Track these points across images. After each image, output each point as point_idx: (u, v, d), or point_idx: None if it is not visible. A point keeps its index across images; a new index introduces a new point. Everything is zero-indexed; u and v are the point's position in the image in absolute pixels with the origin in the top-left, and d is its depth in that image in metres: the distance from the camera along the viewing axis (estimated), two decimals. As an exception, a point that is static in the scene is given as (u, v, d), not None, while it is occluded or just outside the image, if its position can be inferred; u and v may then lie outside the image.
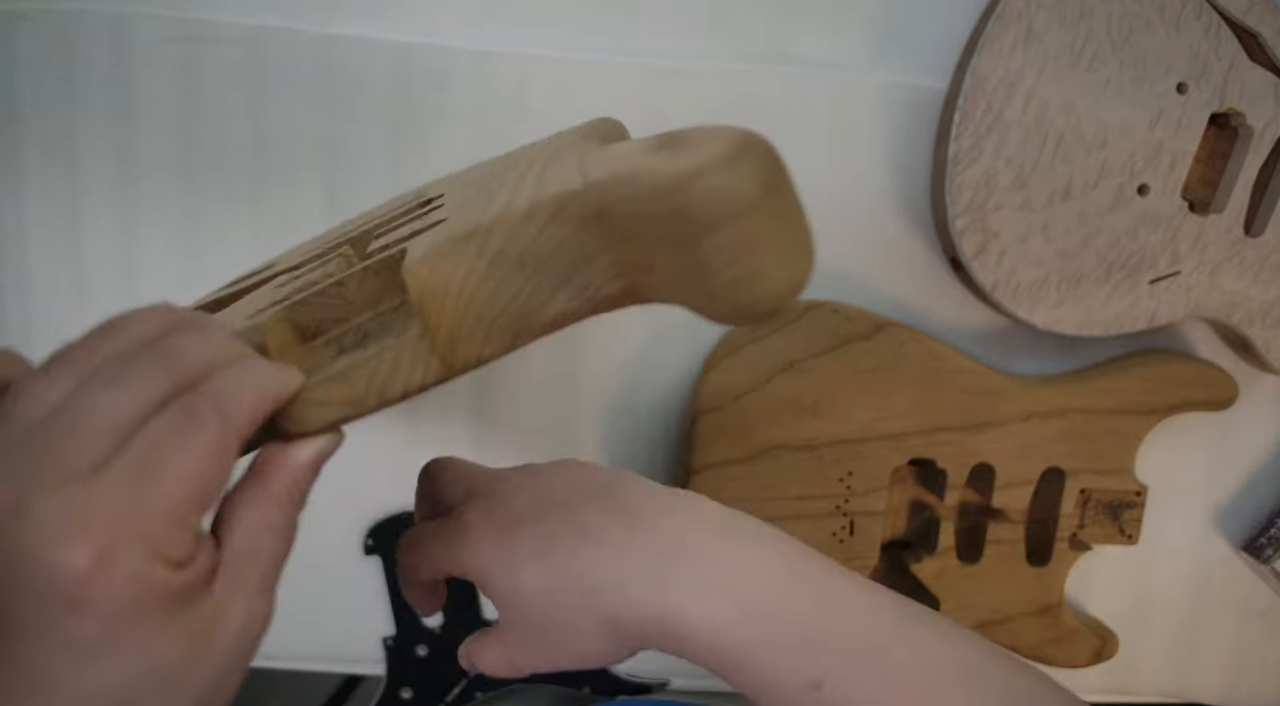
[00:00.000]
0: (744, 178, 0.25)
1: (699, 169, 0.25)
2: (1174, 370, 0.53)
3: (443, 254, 0.29)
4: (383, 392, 0.29)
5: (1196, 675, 0.60)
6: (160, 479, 0.24)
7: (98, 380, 0.25)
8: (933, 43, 0.50)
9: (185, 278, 0.52)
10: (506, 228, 0.28)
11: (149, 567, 0.23)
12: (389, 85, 0.50)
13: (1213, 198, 0.49)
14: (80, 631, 0.23)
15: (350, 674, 0.63)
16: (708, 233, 0.25)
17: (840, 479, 0.51)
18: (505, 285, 0.28)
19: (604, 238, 0.28)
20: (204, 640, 0.25)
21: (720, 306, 0.27)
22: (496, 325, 0.29)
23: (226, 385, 0.26)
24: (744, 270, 0.26)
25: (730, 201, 0.25)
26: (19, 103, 0.50)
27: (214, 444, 0.25)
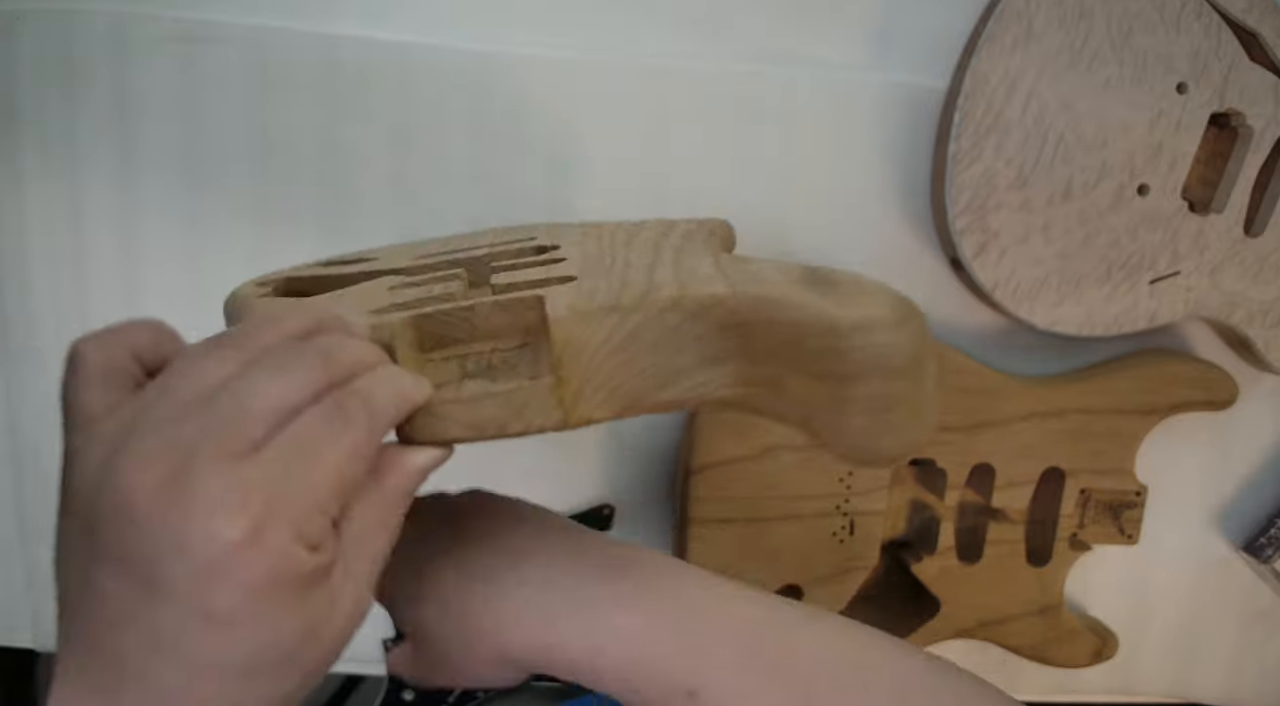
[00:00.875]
0: (906, 344, 0.28)
1: (867, 322, 0.27)
2: (1174, 370, 0.53)
3: (587, 316, 0.30)
4: (503, 427, 0.31)
5: (1196, 675, 0.60)
6: (311, 466, 0.25)
7: (261, 366, 0.26)
8: (933, 43, 0.50)
9: (186, 277, 0.52)
10: (650, 311, 0.30)
11: (292, 548, 0.24)
12: (389, 85, 0.50)
13: (1213, 198, 0.49)
14: (220, 600, 0.24)
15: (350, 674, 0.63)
16: (858, 380, 0.28)
17: (840, 479, 0.51)
18: (634, 361, 0.30)
19: (739, 347, 0.30)
20: (319, 624, 0.26)
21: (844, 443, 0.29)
22: (616, 393, 0.31)
23: (373, 387, 0.28)
24: (878, 422, 0.28)
25: (890, 360, 0.27)
26: (19, 102, 0.50)
27: (360, 440, 0.26)
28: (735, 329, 0.29)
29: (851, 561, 0.52)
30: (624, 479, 0.55)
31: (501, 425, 0.31)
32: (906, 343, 0.27)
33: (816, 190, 0.52)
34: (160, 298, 0.52)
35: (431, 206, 0.52)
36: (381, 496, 0.29)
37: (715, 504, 0.50)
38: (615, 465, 0.55)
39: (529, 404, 0.31)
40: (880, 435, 0.28)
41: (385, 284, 0.36)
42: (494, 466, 0.55)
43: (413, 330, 0.33)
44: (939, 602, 0.53)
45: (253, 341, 0.27)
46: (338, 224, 0.52)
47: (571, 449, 0.55)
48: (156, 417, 0.25)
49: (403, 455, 0.30)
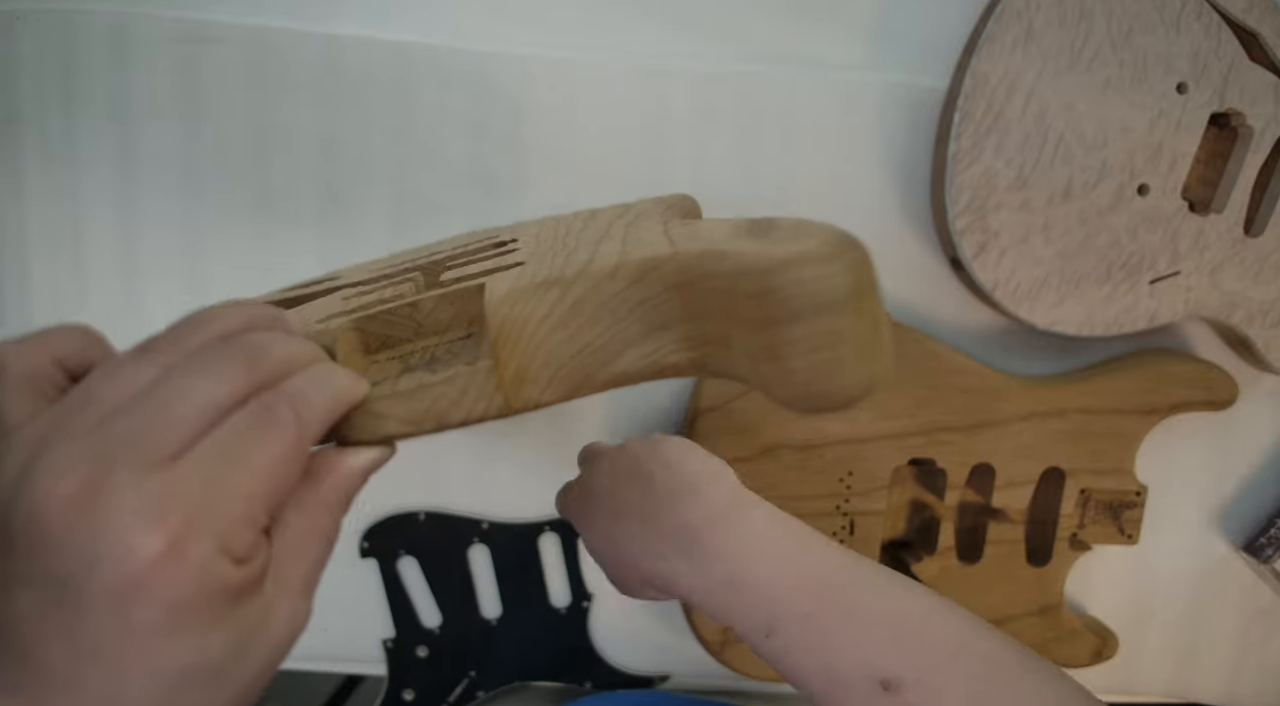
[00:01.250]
0: (838, 275, 0.26)
1: (797, 257, 0.26)
2: (1174, 370, 0.53)
3: (525, 294, 0.29)
4: (442, 418, 0.30)
5: (1196, 675, 0.60)
6: (237, 474, 0.24)
7: (183, 369, 0.25)
8: (933, 43, 0.50)
9: (186, 277, 0.52)
10: (591, 280, 0.29)
11: (215, 561, 0.23)
12: (389, 85, 0.50)
13: (1213, 198, 0.49)
14: (141, 616, 0.23)
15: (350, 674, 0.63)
16: (795, 320, 0.26)
17: (840, 479, 0.51)
18: (578, 335, 0.29)
19: (685, 307, 0.29)
20: (250, 637, 0.25)
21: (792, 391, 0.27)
22: (563, 372, 0.30)
23: (304, 387, 0.26)
24: (822, 361, 0.26)
25: (822, 294, 0.26)
26: (19, 103, 0.50)
27: (289, 444, 0.25)
28: (677, 289, 0.28)
29: (851, 561, 0.52)
30: (624, 479, 0.55)
31: (440, 415, 0.30)
32: (841, 274, 0.26)
33: (816, 190, 0.52)
34: (160, 297, 0.52)
35: (431, 206, 0.52)
36: (318, 501, 0.27)
37: (715, 504, 0.50)
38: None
39: (467, 391, 0.29)
40: (829, 376, 0.27)
41: (341, 294, 0.35)
42: (495, 466, 0.55)
43: (356, 333, 0.32)
44: (939, 602, 0.53)
45: (178, 344, 0.26)
46: (338, 224, 0.52)
47: (569, 448, 0.55)
48: (74, 426, 0.24)
49: (339, 457, 0.28)
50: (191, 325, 0.27)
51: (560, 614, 0.57)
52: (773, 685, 0.59)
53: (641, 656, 0.58)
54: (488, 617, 0.57)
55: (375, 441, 0.30)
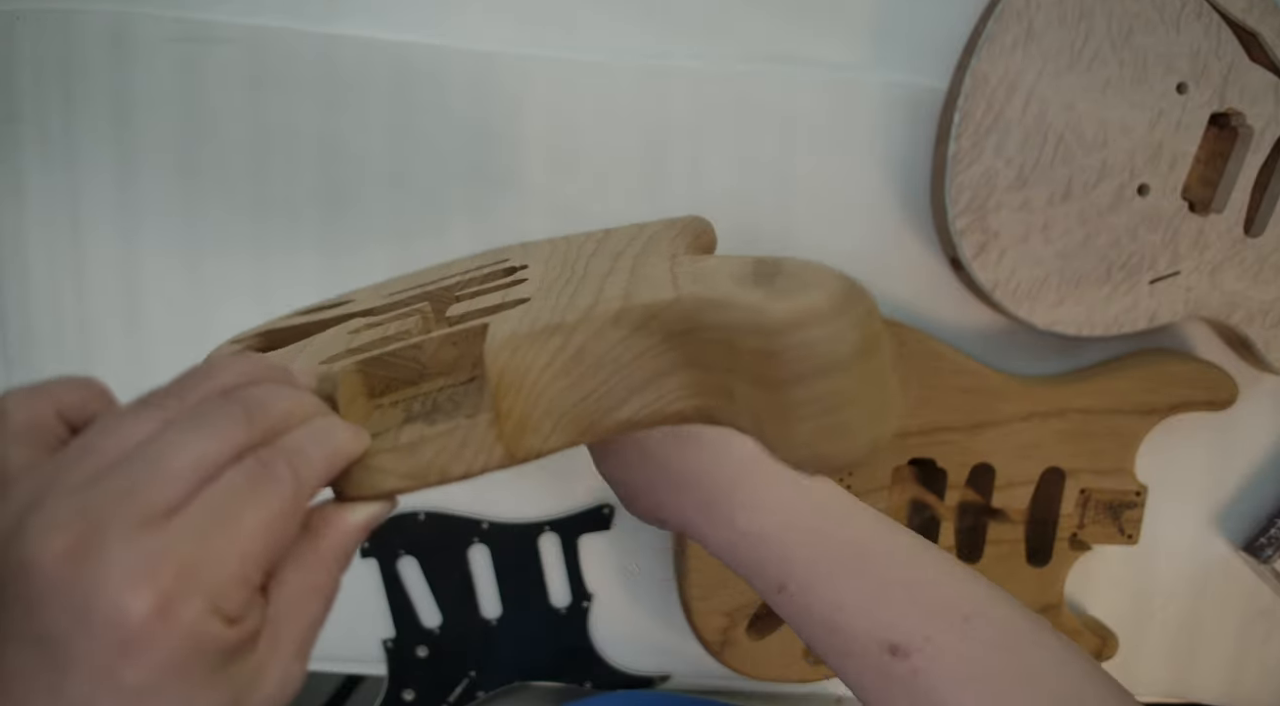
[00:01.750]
0: (843, 336, 0.25)
1: (799, 318, 0.24)
2: (1174, 370, 0.53)
3: (527, 341, 0.29)
4: (444, 472, 0.29)
5: (1196, 675, 0.60)
6: (231, 532, 0.24)
7: (180, 424, 0.25)
8: (933, 43, 0.50)
9: (185, 278, 0.52)
10: (593, 328, 0.28)
11: (206, 621, 0.23)
12: (389, 85, 0.50)
13: (1213, 198, 0.49)
14: (130, 676, 0.23)
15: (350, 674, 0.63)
16: (799, 383, 0.25)
17: (840, 478, 0.51)
18: (580, 383, 0.29)
19: (687, 356, 0.28)
20: (240, 698, 0.25)
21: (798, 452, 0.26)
22: (565, 420, 0.29)
23: (303, 443, 0.26)
24: (827, 425, 0.25)
25: (826, 357, 0.24)
26: (19, 103, 0.50)
27: (286, 502, 0.25)
28: (680, 337, 0.28)
29: (851, 561, 0.52)
30: (624, 479, 0.55)
31: (442, 469, 0.29)
32: (847, 333, 0.24)
33: (816, 190, 0.52)
34: (159, 297, 0.52)
35: (431, 206, 0.52)
36: (316, 558, 0.27)
37: (715, 504, 0.50)
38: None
39: (467, 443, 0.29)
40: (833, 440, 0.25)
41: (349, 327, 0.35)
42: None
43: (359, 376, 0.31)
44: (939, 602, 0.53)
45: (178, 398, 0.26)
46: (338, 224, 0.52)
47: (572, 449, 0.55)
48: (70, 479, 0.24)
49: (338, 513, 0.28)
50: (193, 378, 0.27)
51: (560, 614, 0.57)
52: (772, 685, 0.58)
53: (641, 656, 0.58)
54: (488, 617, 0.57)
55: (377, 497, 0.29)
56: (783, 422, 0.26)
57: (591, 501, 0.55)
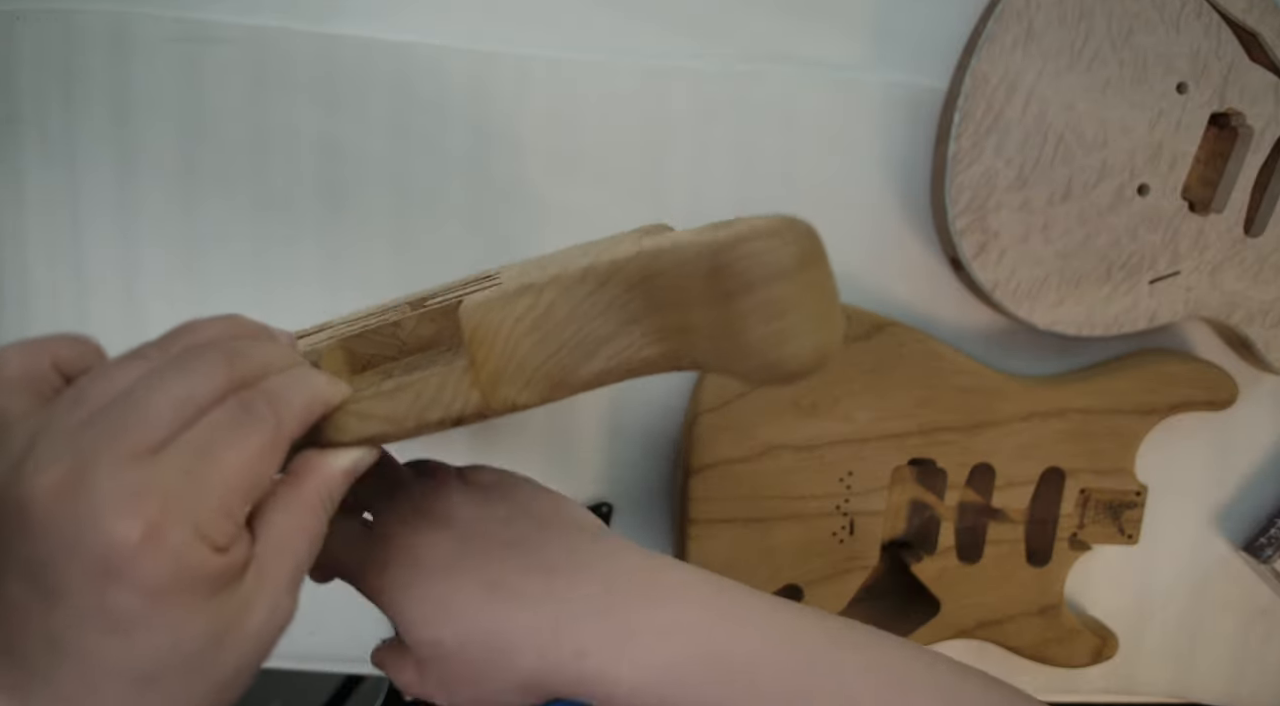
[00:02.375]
0: (784, 246, 0.27)
1: (744, 234, 0.27)
2: (1174, 370, 0.53)
3: (499, 301, 0.31)
4: (422, 416, 0.31)
5: (1196, 675, 0.60)
6: (214, 466, 0.25)
7: (164, 369, 0.26)
8: (933, 43, 0.50)
9: (185, 278, 0.52)
10: (561, 285, 0.30)
11: (193, 547, 0.24)
12: (389, 85, 0.50)
13: (1213, 198, 0.49)
14: (119, 602, 0.24)
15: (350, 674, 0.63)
16: (745, 292, 0.27)
17: (840, 479, 0.51)
18: (552, 337, 0.30)
19: (649, 301, 0.30)
20: (230, 628, 0.26)
21: (751, 362, 0.28)
22: (539, 374, 0.31)
23: (282, 386, 0.28)
24: (775, 329, 0.28)
25: (769, 264, 0.27)
26: (19, 103, 0.50)
27: (266, 440, 0.26)
28: (640, 285, 0.30)
29: (851, 561, 0.52)
30: (624, 478, 0.55)
31: (420, 413, 0.31)
32: (788, 246, 0.27)
33: (816, 190, 0.52)
34: (160, 297, 0.52)
35: (431, 206, 0.52)
36: (300, 499, 0.28)
37: (715, 504, 0.50)
38: (615, 464, 0.55)
39: (444, 387, 0.31)
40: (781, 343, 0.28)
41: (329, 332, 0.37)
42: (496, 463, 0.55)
43: (342, 352, 0.33)
44: (939, 602, 0.53)
45: (164, 349, 0.28)
46: (338, 224, 0.52)
47: (572, 448, 0.55)
48: (64, 422, 0.25)
49: (321, 458, 0.30)
50: (179, 332, 0.28)
51: (560, 614, 0.57)
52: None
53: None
54: (488, 617, 0.57)
55: (359, 442, 0.31)
56: (734, 335, 0.28)
57: (590, 500, 0.55)
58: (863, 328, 0.51)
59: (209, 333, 0.29)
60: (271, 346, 0.29)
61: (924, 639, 0.53)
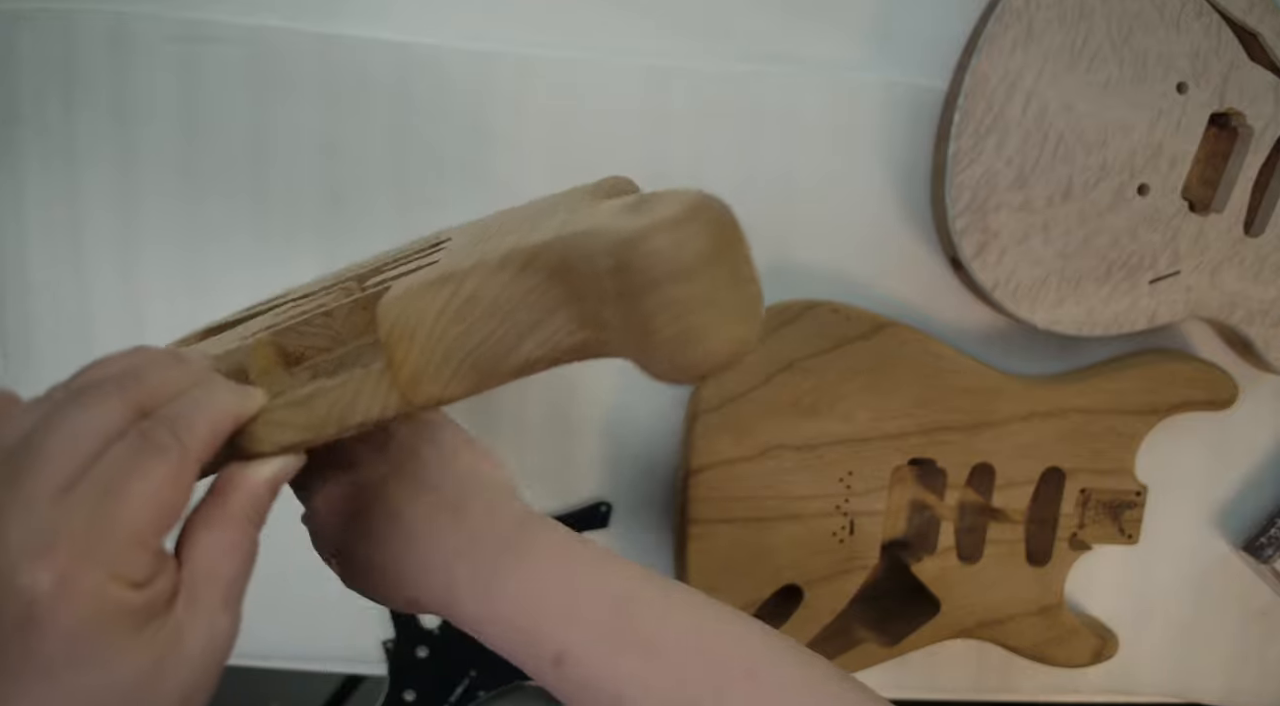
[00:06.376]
0: (688, 242, 0.26)
1: (645, 230, 0.26)
2: (1174, 370, 0.53)
3: (418, 293, 0.30)
4: (342, 421, 0.31)
5: (1196, 675, 0.60)
6: (120, 502, 0.25)
7: (62, 407, 0.26)
8: (933, 43, 0.50)
9: (185, 278, 0.52)
10: (481, 274, 0.29)
11: (108, 588, 0.24)
12: (389, 85, 0.50)
13: (1213, 198, 0.49)
14: (43, 649, 0.24)
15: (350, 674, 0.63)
16: (649, 292, 0.26)
17: (840, 479, 0.51)
18: (475, 329, 0.30)
19: (569, 290, 0.29)
20: (166, 658, 0.26)
21: (659, 365, 0.27)
22: (463, 367, 0.30)
23: (185, 409, 0.28)
24: (685, 328, 0.26)
25: (672, 263, 0.26)
26: (19, 103, 0.50)
27: (171, 469, 0.26)
28: (559, 273, 0.29)
29: (851, 561, 0.52)
30: (623, 478, 0.55)
31: (340, 419, 0.30)
32: (693, 240, 0.26)
33: (816, 190, 0.52)
34: (159, 297, 0.52)
35: (432, 206, 0.52)
36: (224, 517, 0.28)
37: (715, 504, 0.50)
38: (615, 464, 0.55)
39: (361, 392, 0.30)
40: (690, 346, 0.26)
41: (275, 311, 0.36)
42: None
43: (272, 348, 0.33)
44: (939, 602, 0.53)
45: (65, 388, 0.28)
46: (338, 224, 0.52)
47: (572, 448, 0.55)
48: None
49: (242, 472, 0.29)
50: (84, 370, 0.29)
51: (560, 614, 0.57)
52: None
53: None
54: (488, 617, 0.57)
55: (280, 451, 0.30)
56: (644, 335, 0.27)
57: (589, 499, 0.55)
58: (863, 328, 0.51)
59: (111, 366, 0.29)
60: (175, 370, 0.29)
61: (924, 638, 0.53)
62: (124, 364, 0.29)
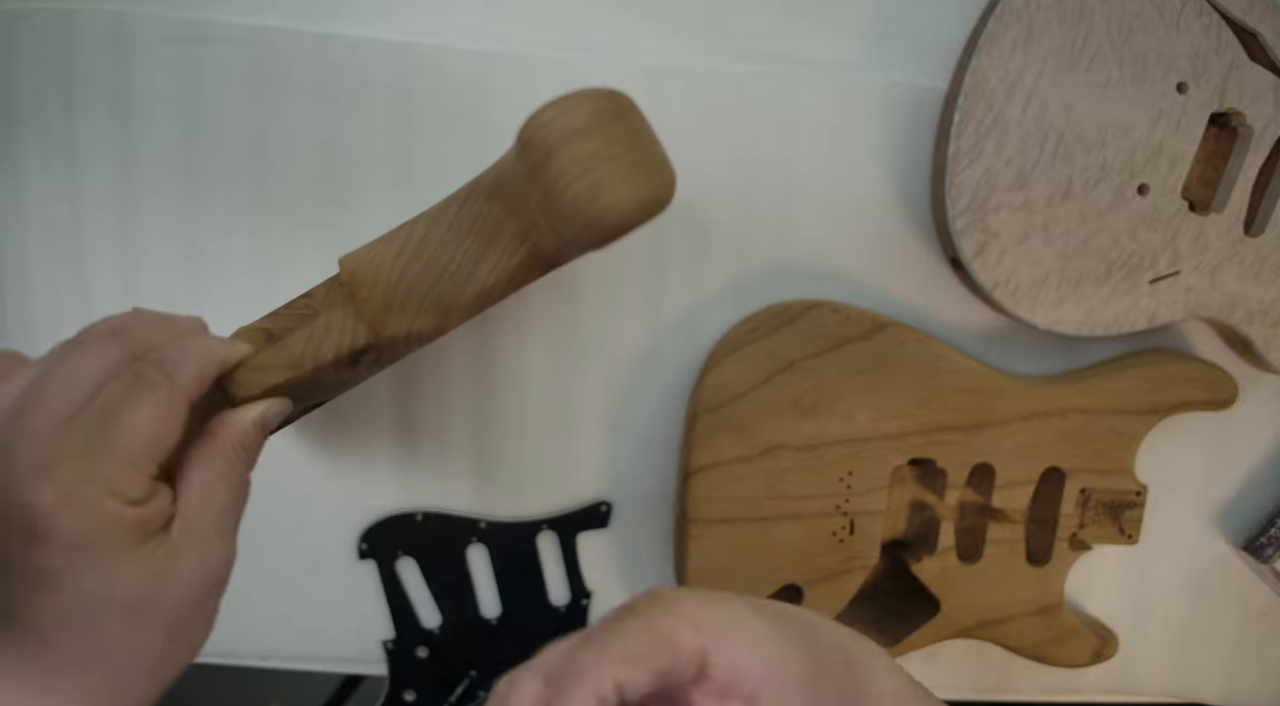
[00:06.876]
0: (575, 108, 0.30)
1: (540, 110, 0.30)
2: (1174, 370, 0.53)
3: (374, 244, 0.34)
4: (317, 356, 0.34)
5: (1196, 675, 0.60)
6: (115, 427, 0.28)
7: (61, 355, 0.30)
8: (933, 43, 0.50)
9: (185, 278, 0.52)
10: (430, 215, 0.33)
11: (106, 502, 0.28)
12: (389, 85, 0.50)
13: (1213, 198, 0.49)
14: (47, 560, 0.27)
15: (350, 674, 0.63)
16: (550, 159, 0.30)
17: (840, 479, 0.51)
18: (433, 263, 0.33)
19: (505, 205, 0.32)
20: (163, 574, 0.29)
21: (574, 226, 0.30)
22: (427, 300, 0.34)
23: (173, 353, 0.31)
24: (588, 185, 0.29)
25: (564, 126, 0.30)
26: (19, 103, 0.50)
27: (161, 399, 0.29)
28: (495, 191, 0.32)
29: (851, 561, 0.52)
30: (624, 478, 0.55)
31: (315, 354, 0.34)
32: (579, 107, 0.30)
33: (816, 190, 0.52)
34: (160, 298, 0.52)
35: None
36: (214, 451, 0.32)
37: (715, 504, 0.51)
38: (615, 463, 0.55)
39: (330, 327, 0.34)
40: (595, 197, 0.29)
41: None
42: (492, 465, 0.55)
43: (260, 333, 0.36)
44: (939, 602, 0.53)
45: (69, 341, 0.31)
46: (338, 224, 0.52)
47: (572, 448, 0.55)
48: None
49: (231, 413, 0.33)
50: (87, 328, 0.32)
51: (560, 612, 0.57)
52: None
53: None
54: (487, 617, 0.57)
55: (265, 394, 0.34)
56: (555, 201, 0.30)
57: (589, 499, 0.55)
58: (863, 328, 0.51)
59: (106, 323, 0.32)
60: (165, 323, 0.32)
61: (924, 639, 0.53)
62: (118, 319, 0.32)
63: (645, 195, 0.30)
